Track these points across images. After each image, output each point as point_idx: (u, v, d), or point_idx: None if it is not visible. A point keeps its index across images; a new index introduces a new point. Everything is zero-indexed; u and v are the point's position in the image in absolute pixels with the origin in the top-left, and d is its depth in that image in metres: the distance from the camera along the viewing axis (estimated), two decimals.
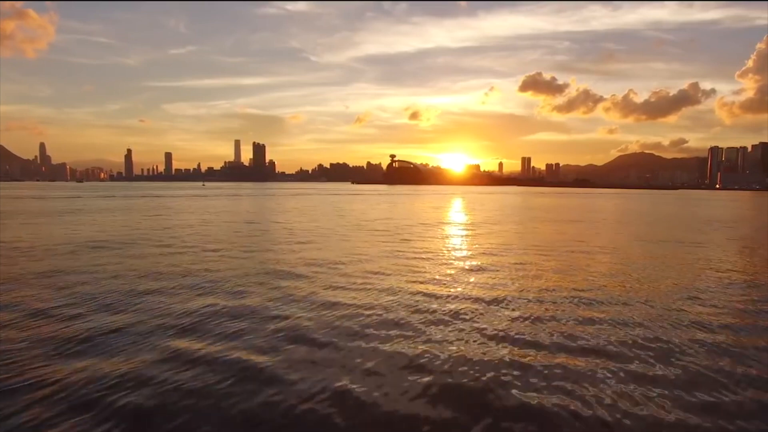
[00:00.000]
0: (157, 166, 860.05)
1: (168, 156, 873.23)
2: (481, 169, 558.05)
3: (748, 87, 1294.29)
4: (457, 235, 29.76)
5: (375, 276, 16.03)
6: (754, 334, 10.30)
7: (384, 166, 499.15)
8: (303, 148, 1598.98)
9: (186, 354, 8.74)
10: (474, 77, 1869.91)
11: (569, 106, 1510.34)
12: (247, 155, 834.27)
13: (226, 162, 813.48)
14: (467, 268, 18.01)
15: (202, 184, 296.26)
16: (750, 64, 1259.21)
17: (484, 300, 12.95)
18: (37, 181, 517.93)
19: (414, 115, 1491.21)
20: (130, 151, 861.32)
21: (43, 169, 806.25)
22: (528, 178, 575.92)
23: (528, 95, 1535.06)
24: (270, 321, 10.84)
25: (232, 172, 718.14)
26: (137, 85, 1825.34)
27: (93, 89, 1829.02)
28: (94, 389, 7.34)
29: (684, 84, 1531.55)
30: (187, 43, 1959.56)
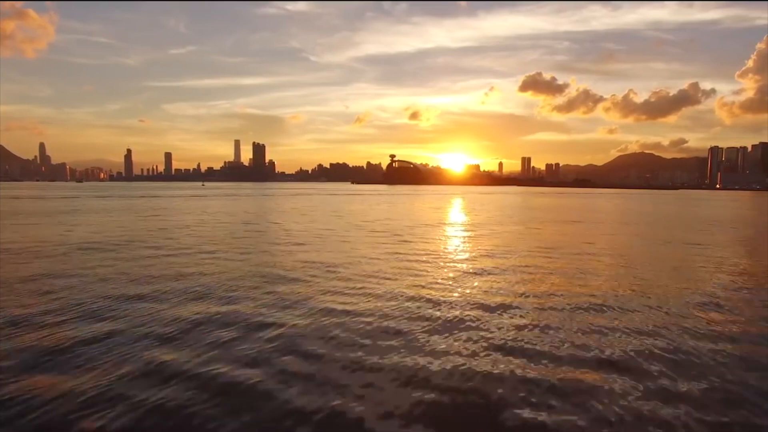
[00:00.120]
0: (156, 166, 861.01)
1: (168, 156, 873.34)
2: (481, 169, 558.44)
3: (748, 87, 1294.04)
4: (458, 237, 29.18)
5: (374, 280, 15.44)
6: None
7: (384, 166, 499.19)
8: (303, 148, 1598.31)
9: (169, 367, 8.13)
10: (474, 77, 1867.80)
11: (569, 106, 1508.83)
12: (247, 155, 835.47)
13: (225, 162, 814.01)
14: (469, 271, 17.42)
15: (201, 184, 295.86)
16: (750, 64, 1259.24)
17: (488, 306, 12.36)
18: (37, 181, 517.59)
19: (414, 115, 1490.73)
20: (129, 151, 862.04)
21: (42, 169, 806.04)
22: (528, 178, 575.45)
23: (528, 95, 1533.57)
24: (262, 329, 10.24)
25: (232, 172, 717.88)
26: (137, 85, 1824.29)
27: (93, 89, 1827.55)
28: (64, 409, 6.71)
29: (684, 84, 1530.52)
30: (187, 43, 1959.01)
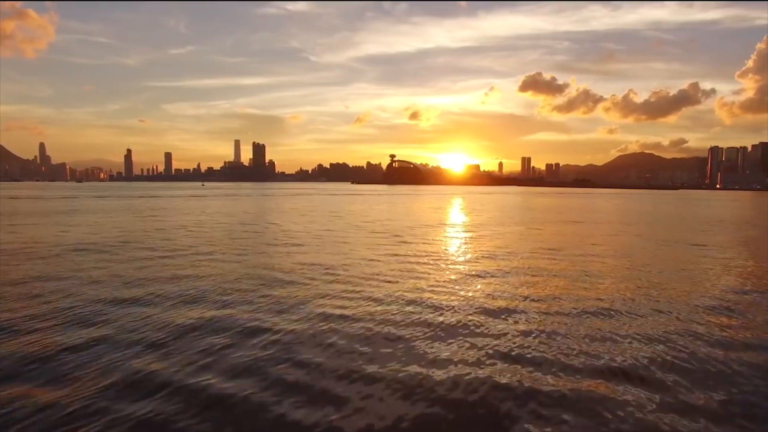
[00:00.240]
0: (156, 166, 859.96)
1: (168, 156, 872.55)
2: (481, 169, 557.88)
3: (748, 87, 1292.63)
4: (459, 238, 28.77)
5: (374, 283, 15.04)
6: None
7: (384, 166, 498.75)
8: (303, 148, 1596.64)
9: (158, 377, 7.73)
10: (474, 77, 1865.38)
11: (569, 106, 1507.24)
12: (247, 155, 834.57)
13: (225, 162, 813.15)
14: (471, 273, 17.01)
15: (201, 184, 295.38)
16: (750, 64, 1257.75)
17: (492, 311, 11.96)
18: (37, 181, 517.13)
19: (414, 115, 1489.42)
20: (129, 151, 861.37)
21: (42, 169, 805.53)
22: (528, 178, 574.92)
23: (528, 95, 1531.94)
24: (257, 335, 9.84)
25: (232, 172, 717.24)
26: (137, 85, 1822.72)
27: (93, 89, 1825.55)
28: (43, 424, 6.30)
29: (684, 84, 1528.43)
30: (187, 43, 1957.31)
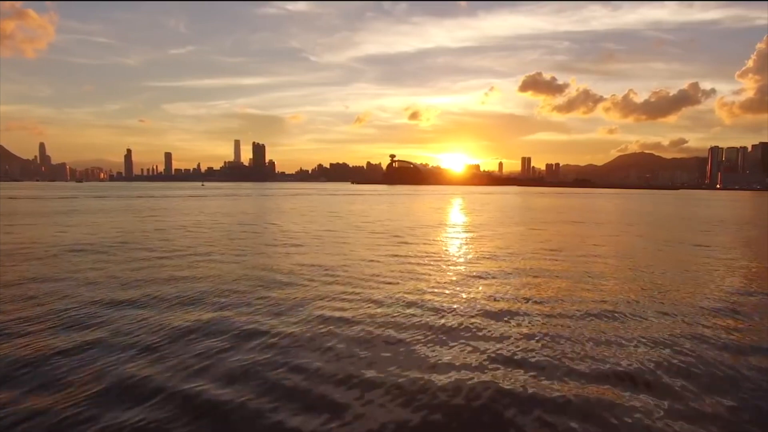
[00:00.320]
0: (156, 166, 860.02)
1: (168, 156, 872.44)
2: (481, 169, 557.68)
3: (748, 87, 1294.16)
4: (460, 239, 28.54)
5: (373, 285, 14.82)
6: None
7: (384, 166, 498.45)
8: (303, 148, 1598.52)
9: (152, 382, 7.51)
10: (474, 77, 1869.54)
11: (569, 106, 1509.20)
12: (246, 155, 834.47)
13: (225, 162, 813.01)
14: (473, 275, 16.79)
15: (201, 184, 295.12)
16: (750, 64, 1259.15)
17: (494, 314, 11.73)
18: (37, 181, 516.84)
19: (414, 115, 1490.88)
20: (129, 151, 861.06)
21: (42, 169, 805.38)
22: (528, 178, 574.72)
23: (528, 95, 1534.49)
24: (254, 338, 9.62)
25: (232, 172, 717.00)
26: (137, 85, 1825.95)
27: (93, 89, 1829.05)
28: (32, 431, 6.11)
29: (684, 84, 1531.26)
30: (187, 43, 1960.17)
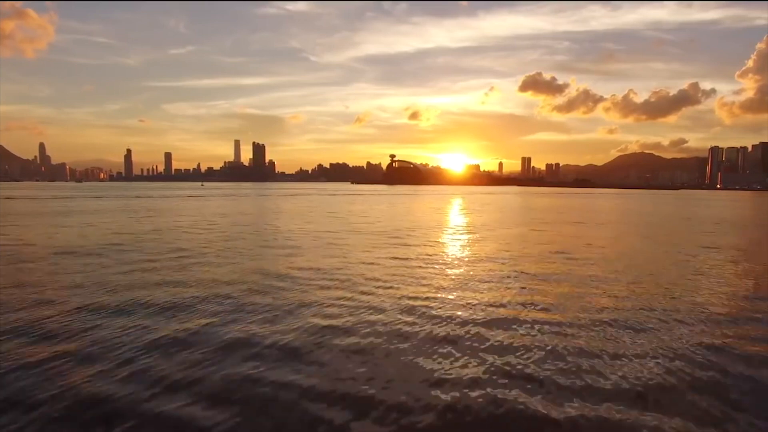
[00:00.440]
0: (156, 166, 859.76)
1: (168, 156, 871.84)
2: (481, 169, 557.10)
3: (748, 87, 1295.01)
4: (461, 240, 27.85)
5: (372, 291, 14.12)
6: None
7: (384, 166, 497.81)
8: (303, 148, 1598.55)
9: (118, 401, 6.84)
10: (474, 77, 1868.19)
11: (569, 106, 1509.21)
12: (246, 155, 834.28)
13: (225, 162, 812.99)
14: (474, 279, 16.08)
15: (200, 184, 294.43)
16: (750, 64, 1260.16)
17: (496, 322, 11.02)
18: (37, 181, 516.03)
19: (414, 115, 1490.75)
20: (129, 151, 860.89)
21: (42, 169, 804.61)
22: (528, 178, 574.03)
23: (528, 95, 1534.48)
24: (241, 350, 8.94)
25: (232, 172, 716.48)
26: (137, 85, 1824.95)
27: (93, 89, 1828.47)
28: None
29: (684, 84, 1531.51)
30: (187, 43, 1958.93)
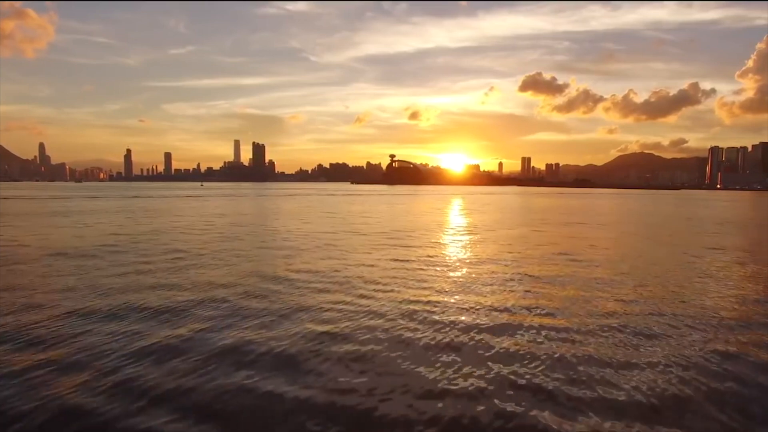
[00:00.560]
0: (156, 166, 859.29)
1: (167, 156, 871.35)
2: (481, 169, 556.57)
3: (748, 87, 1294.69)
4: (462, 242, 27.37)
5: (371, 294, 13.65)
6: None
7: (384, 166, 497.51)
8: (303, 148, 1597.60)
9: (99, 415, 6.38)
10: (474, 77, 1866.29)
11: (569, 106, 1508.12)
12: (246, 155, 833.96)
13: (225, 162, 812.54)
14: (477, 283, 15.60)
15: (200, 184, 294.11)
16: (750, 64, 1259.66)
17: (500, 329, 10.53)
18: (37, 181, 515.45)
19: (414, 115, 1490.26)
20: (129, 151, 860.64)
21: (42, 169, 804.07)
22: (528, 178, 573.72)
23: (528, 95, 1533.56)
24: (233, 359, 8.48)
25: (232, 172, 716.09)
26: (137, 85, 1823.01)
27: (93, 89, 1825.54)
28: None
29: (684, 84, 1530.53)
30: (187, 43, 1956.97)
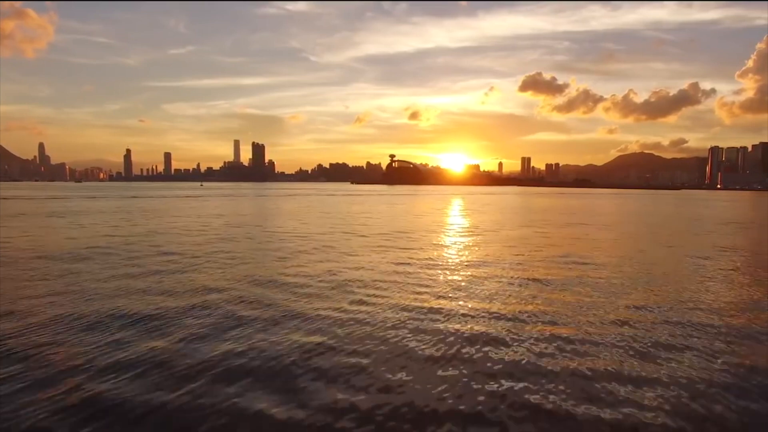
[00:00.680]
0: (156, 166, 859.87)
1: (167, 156, 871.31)
2: (481, 169, 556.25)
3: (748, 87, 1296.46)
4: (464, 243, 26.84)
5: (370, 300, 13.14)
6: None
7: (384, 166, 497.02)
8: (303, 148, 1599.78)
9: None
10: (474, 77, 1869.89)
11: (569, 106, 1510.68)
12: (246, 155, 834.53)
13: (225, 162, 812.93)
14: (479, 286, 15.04)
15: (200, 184, 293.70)
16: (750, 64, 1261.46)
17: (510, 340, 10.00)
18: (36, 181, 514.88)
19: (414, 115, 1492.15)
20: (129, 151, 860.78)
21: (42, 169, 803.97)
22: (528, 178, 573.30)
23: (528, 95, 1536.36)
24: (218, 374, 7.98)
25: (232, 172, 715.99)
26: (137, 85, 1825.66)
27: (93, 89, 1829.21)
28: None
29: (684, 84, 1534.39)
30: (187, 43, 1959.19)
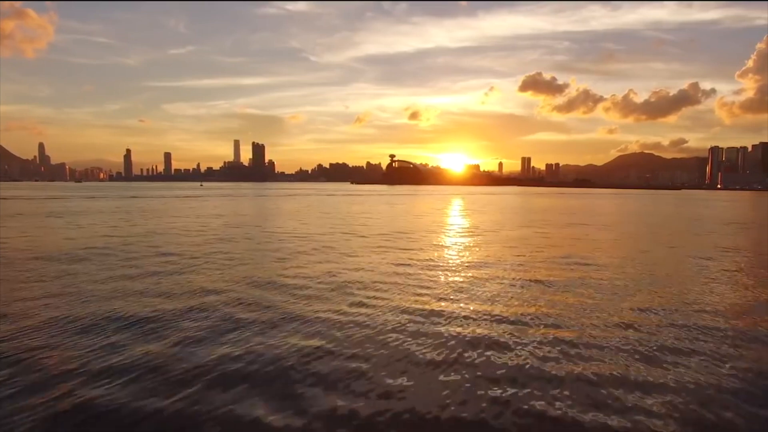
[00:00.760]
0: (156, 166, 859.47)
1: (167, 156, 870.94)
2: (481, 169, 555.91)
3: (748, 87, 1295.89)
4: (464, 244, 26.66)
5: (369, 303, 12.98)
6: None
7: (383, 166, 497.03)
8: (302, 148, 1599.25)
9: None
10: (474, 77, 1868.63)
11: (569, 106, 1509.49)
12: (246, 155, 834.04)
13: (225, 162, 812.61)
14: (483, 289, 14.86)
15: (200, 184, 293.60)
16: (750, 64, 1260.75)
17: (512, 344, 9.84)
18: (36, 181, 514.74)
19: (414, 115, 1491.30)
20: (129, 151, 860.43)
21: (42, 169, 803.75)
22: (528, 178, 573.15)
23: (528, 95, 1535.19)
24: (213, 380, 7.82)
25: (232, 172, 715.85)
26: (137, 85, 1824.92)
27: (93, 89, 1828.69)
28: None
29: (684, 84, 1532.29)
30: (187, 43, 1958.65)
